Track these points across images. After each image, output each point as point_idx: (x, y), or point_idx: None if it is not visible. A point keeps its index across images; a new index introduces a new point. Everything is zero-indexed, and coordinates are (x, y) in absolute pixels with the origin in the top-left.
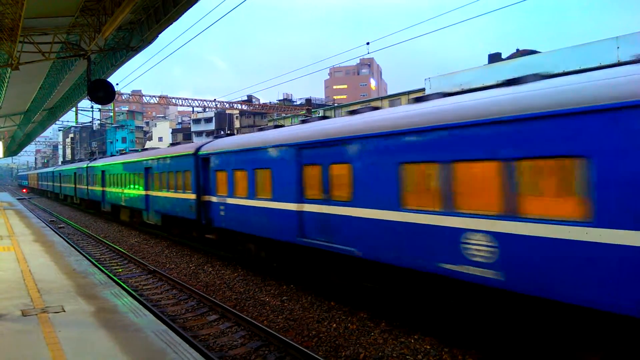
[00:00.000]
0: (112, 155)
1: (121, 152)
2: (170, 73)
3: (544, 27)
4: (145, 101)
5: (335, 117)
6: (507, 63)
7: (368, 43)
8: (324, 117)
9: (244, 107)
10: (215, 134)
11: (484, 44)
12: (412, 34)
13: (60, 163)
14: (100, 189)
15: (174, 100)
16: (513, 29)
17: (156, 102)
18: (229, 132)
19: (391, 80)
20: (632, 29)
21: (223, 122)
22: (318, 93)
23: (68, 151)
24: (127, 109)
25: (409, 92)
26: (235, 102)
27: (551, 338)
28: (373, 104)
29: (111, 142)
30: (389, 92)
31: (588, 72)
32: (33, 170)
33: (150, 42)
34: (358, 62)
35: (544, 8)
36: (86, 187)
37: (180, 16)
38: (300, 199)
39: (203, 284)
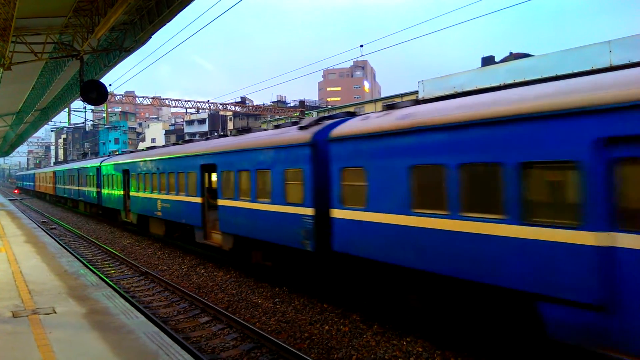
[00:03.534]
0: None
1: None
2: (159, 74)
3: (539, 30)
4: (139, 102)
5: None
6: (500, 66)
7: (362, 46)
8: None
9: (238, 109)
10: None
11: (480, 47)
12: (406, 36)
13: (53, 163)
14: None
15: (167, 102)
16: (508, 31)
17: (149, 103)
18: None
19: (386, 83)
20: (624, 33)
21: (216, 124)
22: (312, 95)
23: (60, 152)
24: (120, 109)
25: (402, 95)
26: (228, 104)
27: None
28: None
29: (104, 143)
30: (383, 95)
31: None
32: (44, 168)
33: (143, 43)
34: (352, 64)
35: (540, 11)
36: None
37: (173, 17)
38: None
39: (195, 285)
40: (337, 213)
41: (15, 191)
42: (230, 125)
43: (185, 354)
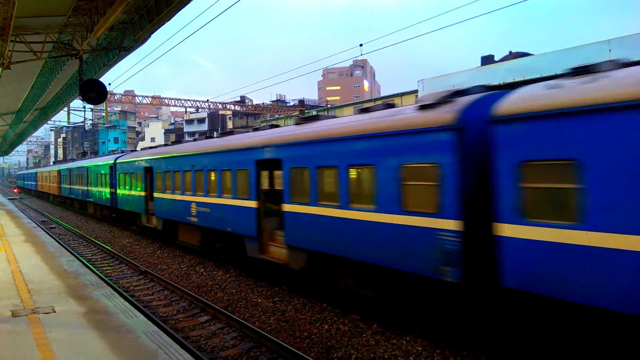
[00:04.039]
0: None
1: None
2: (157, 73)
3: (538, 29)
4: (138, 101)
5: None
6: (499, 65)
7: (361, 45)
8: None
9: (237, 108)
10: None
11: (479, 46)
12: (406, 35)
13: (53, 162)
14: None
15: (166, 101)
16: (508, 30)
17: (149, 102)
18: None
19: (385, 82)
20: (622, 33)
21: (216, 123)
22: (311, 94)
23: (60, 151)
24: (120, 109)
25: (401, 94)
26: (228, 103)
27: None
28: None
29: (103, 143)
30: (382, 94)
31: None
32: (48, 167)
33: (142, 43)
34: (351, 63)
35: (539, 10)
36: None
37: (172, 16)
38: None
39: (195, 285)
40: (510, 230)
41: (15, 190)
42: (229, 125)
43: (185, 353)
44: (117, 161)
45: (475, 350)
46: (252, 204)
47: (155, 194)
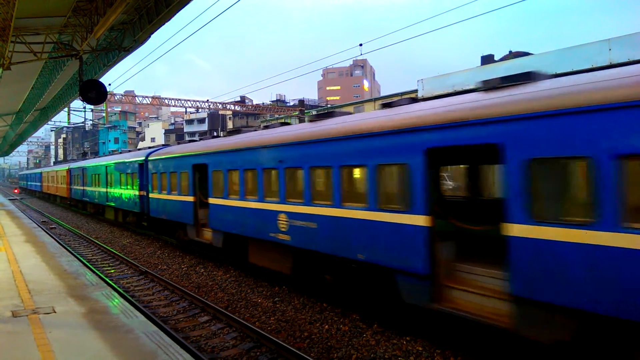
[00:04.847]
0: None
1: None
2: (156, 73)
3: (538, 28)
4: (138, 102)
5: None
6: (499, 65)
7: (361, 44)
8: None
9: (237, 108)
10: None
11: (479, 45)
12: (405, 35)
13: (53, 163)
14: None
15: (166, 101)
16: (508, 30)
17: (149, 102)
18: None
19: (385, 82)
20: (620, 32)
21: (216, 123)
22: (311, 94)
23: (60, 151)
24: (120, 109)
25: (401, 94)
26: (228, 103)
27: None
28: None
29: (103, 143)
30: (382, 94)
31: None
32: (55, 166)
33: (142, 43)
34: (351, 63)
35: (538, 10)
36: None
37: (172, 17)
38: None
39: (195, 285)
40: None
41: (15, 191)
42: (229, 125)
43: (185, 353)
44: (150, 158)
45: (473, 351)
46: (417, 219)
47: (212, 200)
